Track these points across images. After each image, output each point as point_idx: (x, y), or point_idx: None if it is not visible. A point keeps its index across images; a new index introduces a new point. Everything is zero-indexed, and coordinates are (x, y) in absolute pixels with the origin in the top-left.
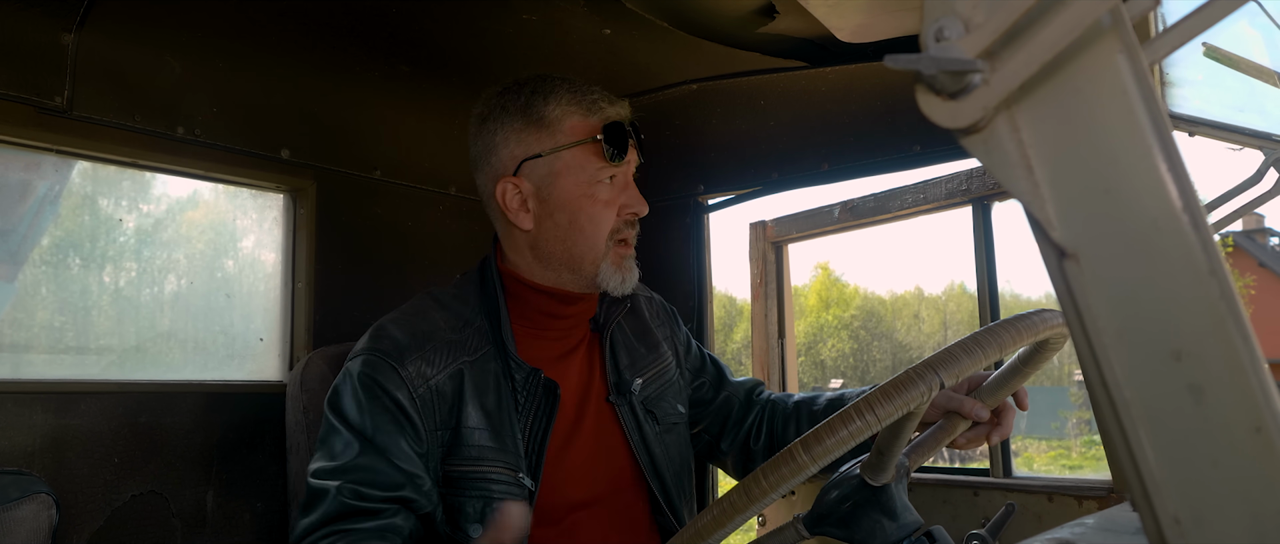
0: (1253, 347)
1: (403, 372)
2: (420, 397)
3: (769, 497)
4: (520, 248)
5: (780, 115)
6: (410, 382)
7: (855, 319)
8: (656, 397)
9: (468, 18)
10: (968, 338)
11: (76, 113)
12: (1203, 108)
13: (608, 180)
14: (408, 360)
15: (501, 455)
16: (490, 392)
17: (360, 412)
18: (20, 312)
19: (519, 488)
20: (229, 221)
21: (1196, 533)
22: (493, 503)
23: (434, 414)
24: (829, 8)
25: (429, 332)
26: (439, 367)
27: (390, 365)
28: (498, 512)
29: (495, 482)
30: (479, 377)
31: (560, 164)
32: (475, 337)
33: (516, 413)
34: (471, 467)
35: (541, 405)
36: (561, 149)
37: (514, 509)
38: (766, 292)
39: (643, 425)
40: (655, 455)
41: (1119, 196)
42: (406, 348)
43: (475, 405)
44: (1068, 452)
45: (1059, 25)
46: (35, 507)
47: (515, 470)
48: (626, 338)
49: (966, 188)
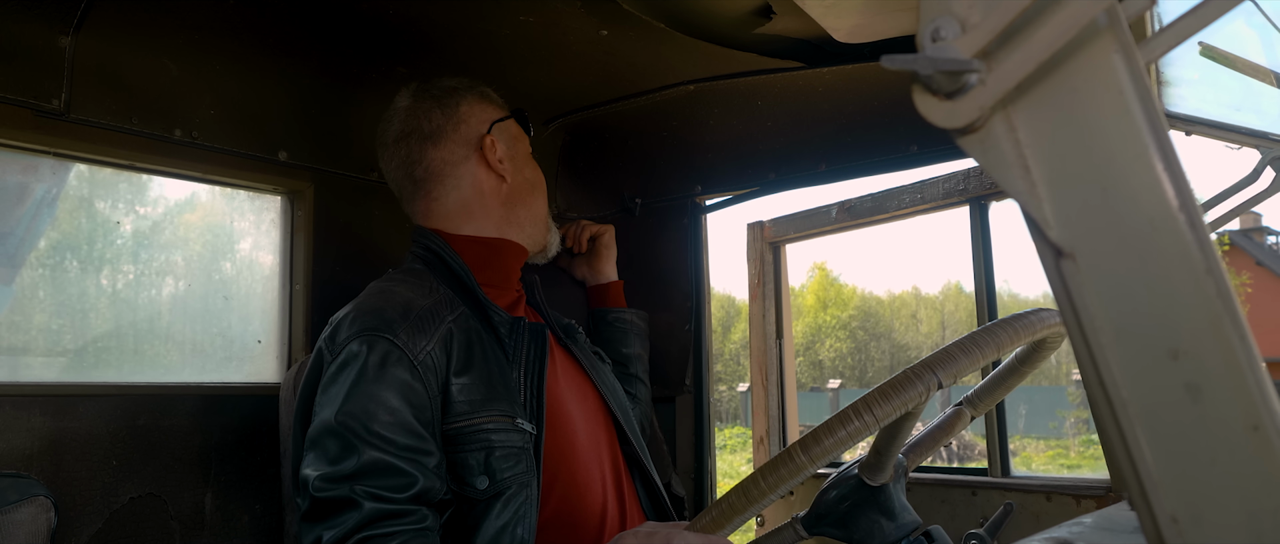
0: (1249, 345)
1: (399, 341)
2: (422, 364)
3: (768, 497)
4: (490, 206)
5: (777, 116)
6: (409, 350)
7: (853, 319)
8: (584, 340)
9: (465, 19)
10: (965, 338)
11: (74, 115)
12: (1199, 107)
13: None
14: (400, 331)
15: (495, 404)
16: (476, 346)
17: (366, 401)
18: (18, 314)
19: (518, 433)
20: (227, 224)
21: (1194, 531)
22: (495, 452)
23: (435, 379)
24: (825, 8)
25: (407, 303)
26: (429, 334)
27: (386, 339)
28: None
29: (493, 431)
30: (463, 335)
31: (511, 134)
32: (445, 300)
33: (508, 362)
34: (467, 422)
35: (531, 350)
36: (501, 122)
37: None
38: (764, 292)
39: (599, 367)
40: (615, 392)
41: (1116, 196)
42: (394, 320)
43: (463, 362)
44: (1066, 451)
45: (1055, 25)
46: (33, 509)
47: (511, 417)
48: (534, 284)
49: (964, 188)
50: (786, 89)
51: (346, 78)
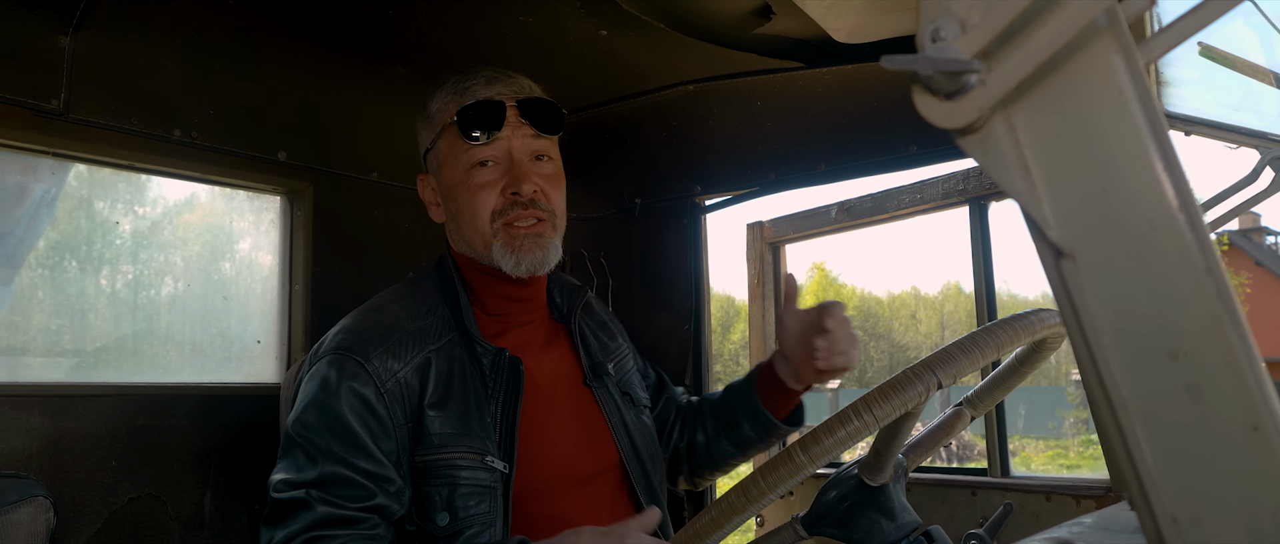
0: (1249, 345)
1: (369, 366)
2: (388, 391)
3: (767, 497)
4: (452, 237)
5: (777, 116)
6: (377, 376)
7: (852, 319)
8: (628, 381)
9: (464, 20)
10: (965, 338)
11: (73, 115)
12: (1198, 107)
13: (485, 163)
14: (373, 355)
15: (466, 440)
16: (457, 377)
17: (326, 417)
18: (17, 315)
19: (486, 471)
20: (226, 224)
21: (1194, 531)
22: (459, 490)
23: (402, 407)
24: (825, 8)
25: (391, 325)
26: (405, 360)
27: (356, 362)
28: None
29: (462, 468)
30: (445, 364)
31: (442, 155)
32: (439, 324)
33: (487, 396)
34: (436, 455)
35: (508, 384)
36: (438, 139)
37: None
38: (764, 292)
39: (621, 408)
40: (634, 437)
41: (1115, 196)
42: (371, 342)
43: (441, 394)
44: (1065, 451)
45: (1055, 25)
46: (33, 510)
47: (481, 454)
48: (591, 327)
49: (963, 188)
50: (786, 89)
51: (346, 78)
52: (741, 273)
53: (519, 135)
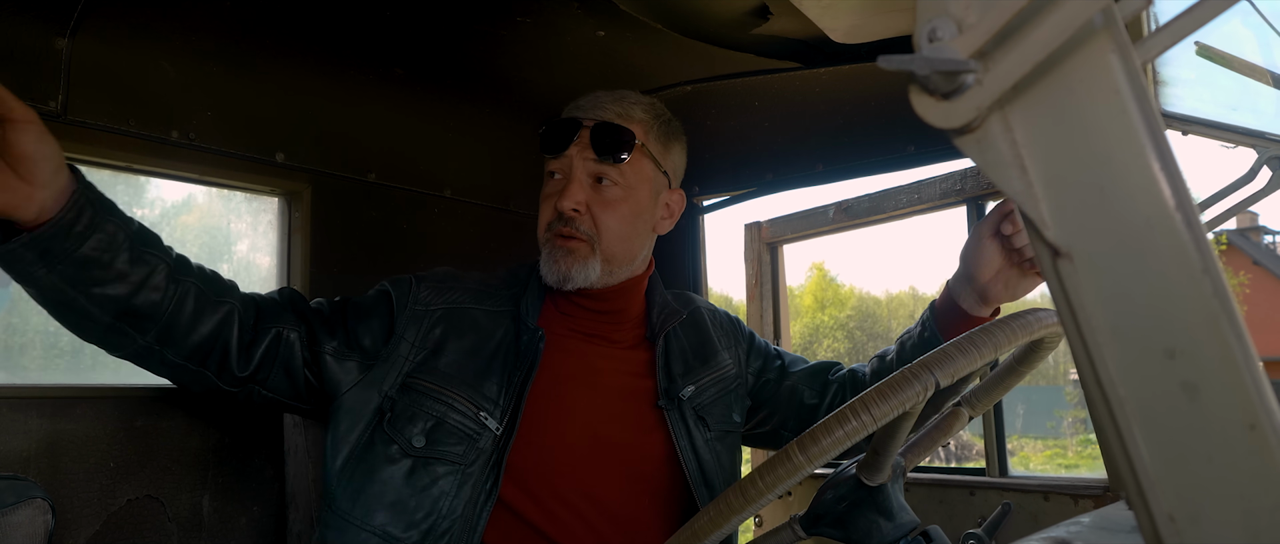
0: (1246, 344)
1: (407, 282)
2: (408, 307)
3: (765, 497)
4: None
5: (774, 116)
6: (407, 292)
7: (851, 319)
8: (709, 404)
9: (462, 20)
10: (963, 337)
11: (71, 117)
12: (1196, 106)
13: (553, 175)
14: (421, 284)
15: (468, 390)
16: (492, 340)
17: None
18: (15, 316)
19: (476, 425)
20: (224, 225)
21: (1192, 530)
22: (445, 425)
23: (415, 328)
24: (822, 8)
25: (454, 277)
26: (444, 298)
27: (404, 278)
28: None
29: (454, 410)
30: (487, 323)
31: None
32: (502, 299)
33: (515, 366)
34: (437, 387)
35: (529, 357)
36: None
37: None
38: (762, 292)
39: (692, 432)
40: (704, 461)
41: (1112, 195)
42: (425, 278)
43: (467, 341)
44: (1063, 451)
45: (1051, 25)
46: (31, 512)
47: (477, 407)
48: (682, 347)
49: (961, 188)
50: (784, 90)
51: (344, 79)
52: (740, 273)
53: (582, 156)
